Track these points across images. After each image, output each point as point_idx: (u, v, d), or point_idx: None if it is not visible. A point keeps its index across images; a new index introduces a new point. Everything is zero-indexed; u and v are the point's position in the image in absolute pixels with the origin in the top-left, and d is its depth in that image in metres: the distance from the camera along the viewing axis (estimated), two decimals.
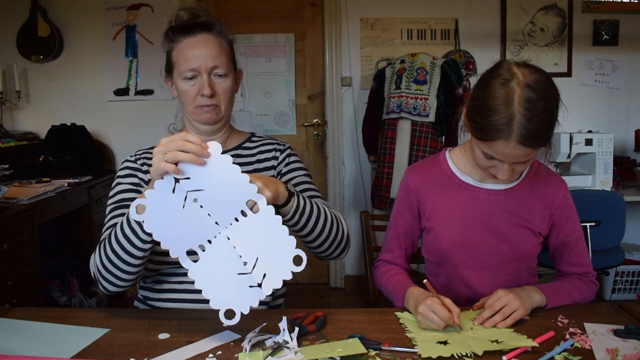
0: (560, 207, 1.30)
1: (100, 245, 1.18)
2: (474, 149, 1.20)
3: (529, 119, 1.07)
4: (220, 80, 1.29)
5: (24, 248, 2.36)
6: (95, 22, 3.50)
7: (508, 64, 1.14)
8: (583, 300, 1.28)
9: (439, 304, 1.09)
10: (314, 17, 3.58)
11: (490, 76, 1.14)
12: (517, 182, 1.30)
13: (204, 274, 1.04)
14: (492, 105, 1.09)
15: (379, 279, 1.40)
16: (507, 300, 1.12)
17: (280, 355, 0.98)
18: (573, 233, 1.32)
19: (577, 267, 1.32)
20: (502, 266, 1.29)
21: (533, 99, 1.07)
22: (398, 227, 1.40)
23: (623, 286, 3.23)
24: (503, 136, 1.08)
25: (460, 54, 3.50)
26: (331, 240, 1.26)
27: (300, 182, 1.37)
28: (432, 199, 1.33)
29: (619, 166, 3.26)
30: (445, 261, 1.32)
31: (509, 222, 1.28)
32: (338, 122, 3.58)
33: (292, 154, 1.42)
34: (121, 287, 1.18)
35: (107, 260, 1.14)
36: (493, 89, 1.11)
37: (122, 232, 1.11)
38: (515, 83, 1.09)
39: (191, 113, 1.31)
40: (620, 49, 3.52)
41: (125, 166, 1.36)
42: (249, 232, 1.02)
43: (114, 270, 1.14)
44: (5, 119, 3.45)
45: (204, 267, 1.04)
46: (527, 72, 1.10)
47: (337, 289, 3.71)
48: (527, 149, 1.09)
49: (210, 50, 1.26)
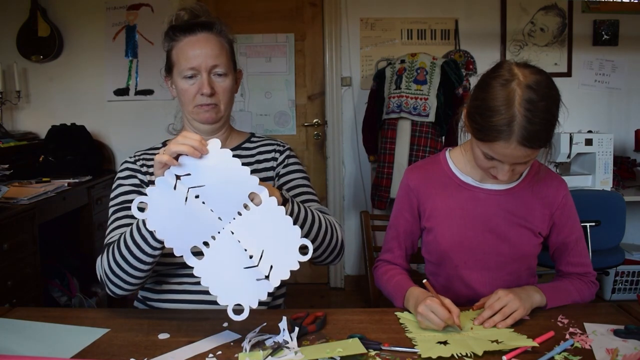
0: (560, 207, 1.30)
1: (108, 249, 1.18)
2: (474, 150, 1.20)
3: (530, 120, 1.07)
4: (220, 80, 1.29)
5: (24, 248, 2.36)
6: (95, 22, 3.50)
7: (509, 64, 1.14)
8: (583, 301, 1.28)
9: (439, 304, 1.09)
10: (314, 17, 3.58)
11: (490, 77, 1.14)
12: (517, 183, 1.30)
13: (210, 271, 1.03)
14: (493, 106, 1.09)
15: (379, 279, 1.40)
16: (507, 301, 1.12)
17: (280, 355, 0.98)
18: (573, 233, 1.32)
19: (577, 267, 1.32)
20: (502, 266, 1.29)
21: (534, 99, 1.07)
22: (398, 227, 1.40)
23: (623, 286, 3.23)
24: (503, 137, 1.08)
25: (460, 54, 3.50)
26: (325, 247, 1.26)
27: (298, 184, 1.37)
28: (432, 199, 1.33)
29: (619, 166, 3.26)
30: (445, 261, 1.32)
31: (509, 222, 1.28)
32: (338, 122, 3.58)
33: (291, 156, 1.42)
34: (129, 290, 1.20)
35: (116, 265, 1.15)
36: (494, 90, 1.11)
37: (131, 238, 1.11)
38: (516, 84, 1.09)
39: (190, 112, 1.31)
40: (620, 49, 3.52)
41: (125, 167, 1.36)
42: (253, 225, 1.02)
43: (123, 275, 1.15)
44: (5, 119, 3.45)
45: (209, 264, 1.03)
46: (527, 73, 1.10)
47: (337, 289, 3.71)
48: (527, 149, 1.09)
49: (210, 49, 1.26)
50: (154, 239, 1.08)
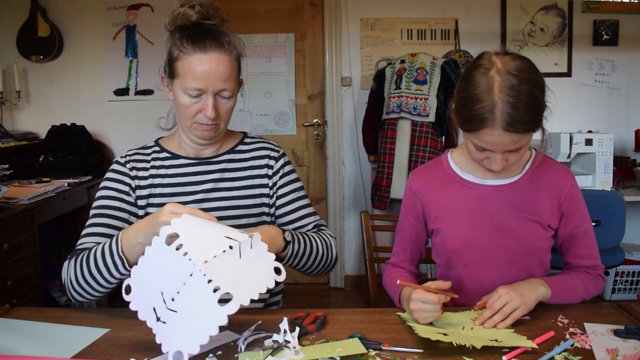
0: (568, 197, 1.28)
1: (77, 258, 1.18)
2: (467, 144, 1.21)
3: (512, 105, 1.07)
4: (225, 102, 1.25)
5: (24, 248, 2.36)
6: (95, 22, 3.50)
7: (488, 54, 1.16)
8: (589, 296, 1.26)
9: (424, 292, 1.10)
10: (314, 17, 3.58)
11: (472, 67, 1.16)
12: (520, 176, 1.29)
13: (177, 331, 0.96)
14: (474, 95, 1.11)
15: (384, 282, 1.40)
16: (508, 299, 1.11)
17: (280, 355, 0.98)
18: (582, 224, 1.30)
19: (585, 260, 1.30)
20: (512, 263, 1.27)
21: (514, 84, 1.08)
22: (403, 231, 1.40)
23: (623, 286, 3.23)
24: (487, 124, 1.09)
25: (460, 54, 3.50)
26: (318, 270, 1.34)
27: (295, 198, 1.39)
28: (435, 201, 1.33)
29: (619, 166, 3.26)
30: (454, 262, 1.31)
31: (515, 217, 1.26)
32: (338, 122, 3.58)
33: (286, 163, 1.41)
34: (91, 300, 1.22)
35: (83, 279, 1.16)
36: (474, 79, 1.12)
37: (102, 260, 1.13)
38: (495, 71, 1.10)
39: (188, 127, 1.28)
40: (620, 49, 3.51)
41: (114, 169, 1.34)
42: (228, 267, 0.97)
43: (88, 288, 1.17)
44: (5, 119, 3.45)
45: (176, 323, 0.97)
46: (506, 60, 1.12)
47: (337, 289, 3.71)
48: (513, 135, 1.09)
49: (221, 72, 1.20)
50: (125, 267, 1.10)
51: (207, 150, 1.36)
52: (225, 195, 1.34)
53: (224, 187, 1.35)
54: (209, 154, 1.37)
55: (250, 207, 1.35)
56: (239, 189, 1.36)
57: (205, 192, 1.33)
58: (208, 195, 1.33)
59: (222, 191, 1.34)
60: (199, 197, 1.33)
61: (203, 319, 0.92)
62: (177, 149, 1.37)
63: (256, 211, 1.36)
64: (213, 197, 1.34)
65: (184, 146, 1.36)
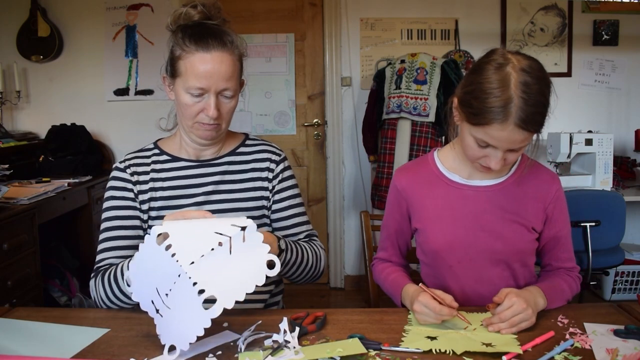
0: (553, 201, 1.28)
1: (102, 278, 1.23)
2: (466, 139, 1.18)
3: (527, 102, 1.07)
4: (227, 101, 1.25)
5: (24, 248, 2.36)
6: (95, 22, 3.50)
7: (502, 50, 1.15)
8: (572, 297, 1.28)
9: (431, 298, 1.10)
10: (314, 17, 3.58)
11: (484, 62, 1.15)
12: (506, 177, 1.28)
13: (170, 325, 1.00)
14: (488, 89, 1.10)
15: (377, 277, 1.42)
16: (519, 311, 1.08)
17: (280, 355, 0.98)
18: (565, 227, 1.31)
19: (566, 262, 1.32)
20: (497, 264, 1.27)
21: (529, 82, 1.08)
22: (389, 227, 1.41)
23: (623, 286, 3.23)
24: (500, 119, 1.08)
25: (460, 54, 3.50)
26: (304, 280, 1.37)
27: (291, 205, 1.39)
28: (420, 200, 1.32)
29: (619, 166, 3.26)
30: (439, 262, 1.31)
31: (500, 218, 1.26)
32: (338, 122, 3.58)
33: (286, 168, 1.41)
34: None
35: (113, 296, 1.21)
36: (488, 73, 1.12)
37: (118, 287, 1.19)
38: (511, 67, 1.10)
39: (189, 127, 1.28)
40: (620, 49, 3.52)
41: (115, 176, 1.34)
42: (219, 264, 0.96)
43: (121, 303, 1.22)
44: (5, 119, 3.45)
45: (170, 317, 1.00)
46: (520, 58, 1.12)
47: (337, 289, 3.71)
48: (523, 132, 1.09)
49: (223, 72, 1.20)
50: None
51: (208, 151, 1.36)
52: (227, 197, 1.34)
53: (225, 189, 1.35)
54: (210, 155, 1.37)
55: (252, 210, 1.35)
56: (240, 191, 1.35)
57: (206, 195, 1.33)
58: (209, 198, 1.33)
59: (223, 194, 1.34)
60: (200, 199, 1.32)
61: (190, 319, 0.96)
62: (178, 150, 1.37)
63: (257, 214, 1.36)
64: (214, 199, 1.33)
65: (185, 147, 1.35)
